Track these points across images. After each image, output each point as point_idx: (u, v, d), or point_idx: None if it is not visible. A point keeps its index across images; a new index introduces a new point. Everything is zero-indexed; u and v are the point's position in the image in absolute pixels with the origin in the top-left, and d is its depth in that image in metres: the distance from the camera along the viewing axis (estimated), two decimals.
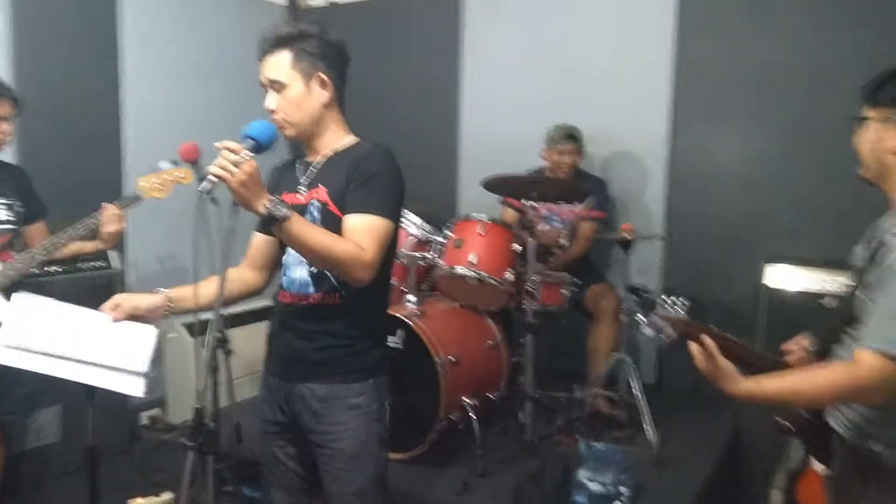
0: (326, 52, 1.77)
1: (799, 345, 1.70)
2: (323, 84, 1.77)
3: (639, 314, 1.38)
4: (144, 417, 3.87)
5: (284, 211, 1.56)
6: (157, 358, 1.85)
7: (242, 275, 1.93)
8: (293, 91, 1.74)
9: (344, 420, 1.76)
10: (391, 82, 4.37)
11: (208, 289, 1.80)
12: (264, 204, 1.54)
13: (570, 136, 3.50)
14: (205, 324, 3.92)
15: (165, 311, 1.88)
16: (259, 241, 1.92)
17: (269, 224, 1.58)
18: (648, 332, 1.37)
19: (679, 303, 1.34)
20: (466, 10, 4.28)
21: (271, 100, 1.76)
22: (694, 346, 1.46)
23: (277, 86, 1.74)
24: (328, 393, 1.77)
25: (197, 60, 4.11)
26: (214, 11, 4.21)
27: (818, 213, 3.31)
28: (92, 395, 1.74)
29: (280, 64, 1.74)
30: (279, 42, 1.75)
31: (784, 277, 3.18)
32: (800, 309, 3.05)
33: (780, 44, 3.48)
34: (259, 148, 1.58)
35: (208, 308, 1.77)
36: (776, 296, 3.18)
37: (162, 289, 1.88)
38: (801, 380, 1.46)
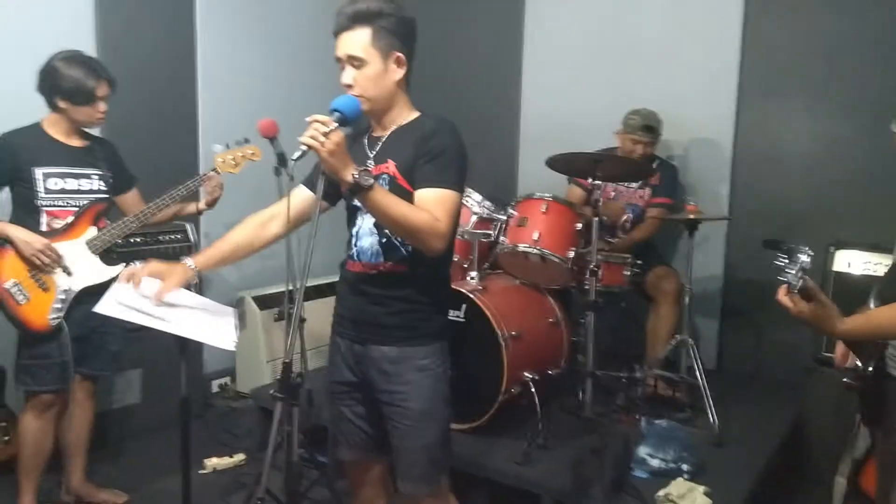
0: (403, 31, 1.83)
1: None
2: (399, 62, 1.83)
3: (787, 265, 1.44)
4: (215, 386, 4.06)
5: (370, 180, 1.64)
6: (241, 314, 1.96)
7: (266, 228, 2.00)
8: (372, 68, 1.79)
9: (413, 380, 1.85)
10: (453, 60, 4.41)
11: (237, 240, 1.98)
12: (352, 173, 1.62)
13: (649, 128, 3.45)
14: (272, 297, 4.07)
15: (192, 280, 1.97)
16: (304, 197, 1.97)
17: (355, 192, 1.65)
18: (794, 280, 1.43)
19: (808, 253, 1.42)
20: None
21: (348, 75, 1.80)
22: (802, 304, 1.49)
23: (356, 62, 1.78)
24: (399, 354, 1.86)
25: (266, 42, 4.24)
26: None
27: (887, 196, 3.24)
28: (184, 351, 1.84)
29: (360, 40, 1.78)
30: (359, 18, 1.78)
31: (851, 261, 3.13)
32: (865, 293, 3.00)
33: (849, 20, 3.39)
34: (345, 121, 1.66)
35: (240, 257, 1.98)
36: (842, 279, 3.14)
37: (188, 259, 1.96)
38: (882, 315, 1.60)
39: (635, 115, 3.47)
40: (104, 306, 1.66)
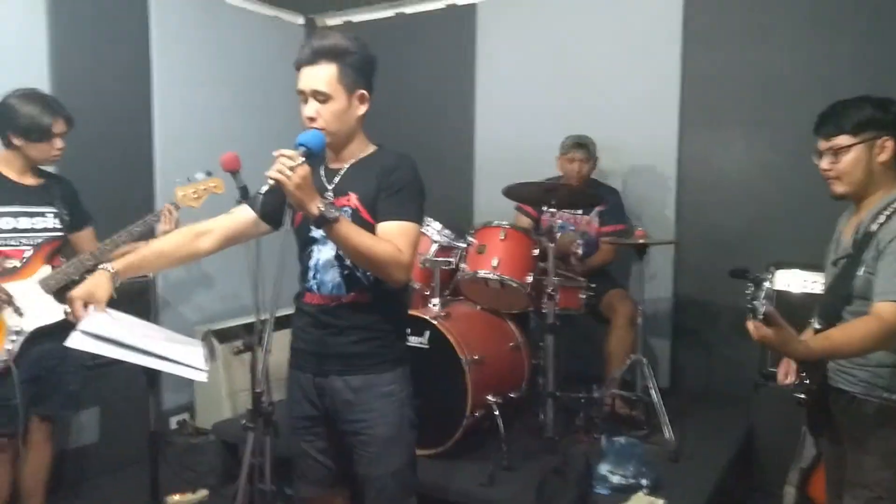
0: (366, 69, 1.88)
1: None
2: (362, 99, 1.88)
3: (753, 293, 1.54)
4: (174, 422, 4.00)
5: (336, 213, 1.69)
6: (209, 346, 1.97)
7: (199, 240, 1.96)
8: (336, 104, 1.83)
9: (377, 407, 1.89)
10: (407, 95, 4.50)
11: (164, 249, 1.98)
12: (317, 206, 1.66)
13: (580, 145, 3.66)
14: (230, 330, 4.04)
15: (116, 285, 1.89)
16: (248, 218, 1.96)
17: (321, 225, 1.70)
18: (759, 307, 1.54)
19: (769, 279, 1.54)
20: (479, 26, 4.44)
21: (311, 108, 1.82)
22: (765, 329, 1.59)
23: (321, 97, 1.81)
24: (362, 383, 1.89)
25: (222, 76, 4.29)
26: (238, 29, 4.40)
27: (821, 219, 3.40)
28: (153, 384, 1.85)
29: (325, 76, 1.81)
30: (325, 54, 1.81)
31: (790, 280, 3.29)
32: (806, 310, 3.16)
33: (782, 55, 3.62)
34: (311, 155, 1.70)
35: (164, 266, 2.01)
36: (783, 298, 3.28)
37: (108, 266, 1.88)
38: (841, 335, 1.72)
39: (568, 138, 3.69)
40: (74, 340, 1.66)
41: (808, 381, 1.91)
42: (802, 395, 1.94)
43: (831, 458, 2.01)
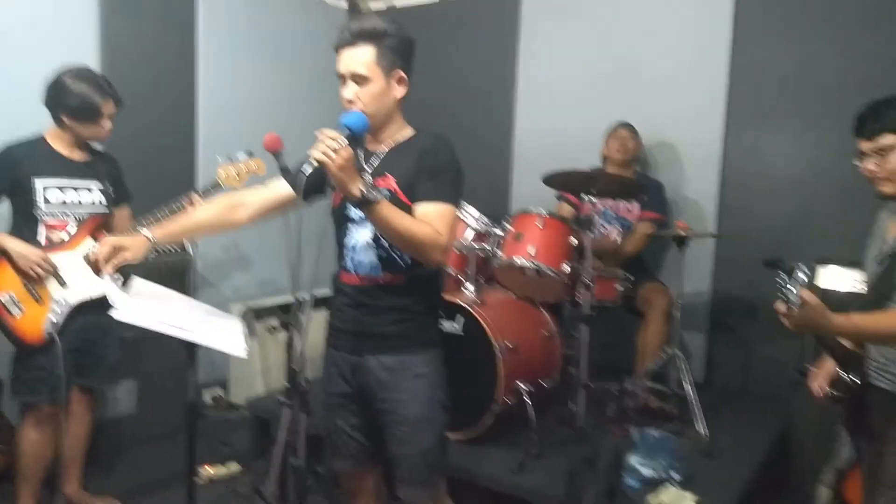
0: (404, 51, 1.89)
1: None
2: (400, 81, 1.89)
3: (787, 284, 1.53)
4: (208, 396, 4.08)
5: (377, 194, 1.70)
6: (248, 323, 2.00)
7: (235, 211, 2.04)
8: (375, 86, 1.84)
9: (410, 388, 1.90)
10: (448, 81, 4.50)
11: (203, 217, 2.04)
12: (359, 187, 1.67)
13: (626, 124, 3.69)
14: (266, 309, 4.11)
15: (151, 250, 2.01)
16: (284, 191, 2.01)
17: (361, 206, 1.71)
18: (792, 297, 1.52)
19: (805, 270, 1.51)
20: (523, 12, 4.39)
21: (350, 90, 1.84)
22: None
23: (359, 79, 1.83)
24: (396, 363, 1.90)
25: (265, 57, 4.32)
26: (282, 12, 4.42)
27: (866, 216, 3.33)
28: (192, 357, 1.88)
29: (364, 58, 1.82)
30: (363, 36, 1.83)
31: (835, 278, 3.22)
32: (847, 307, 3.09)
33: (831, 48, 3.52)
34: (354, 137, 1.71)
35: (202, 234, 2.05)
36: (827, 296, 3.21)
37: (146, 230, 1.99)
38: (881, 319, 1.70)
39: (612, 124, 3.71)
40: (119, 313, 1.70)
41: (848, 378, 1.89)
42: (839, 393, 1.93)
43: (868, 459, 1.97)
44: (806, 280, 1.52)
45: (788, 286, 1.52)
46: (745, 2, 3.73)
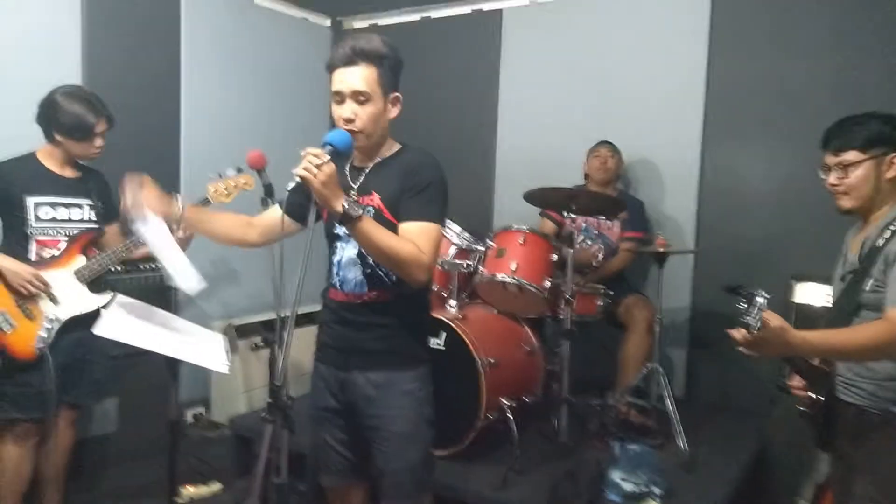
0: (398, 72, 1.91)
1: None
2: (395, 102, 1.91)
3: (746, 310, 1.51)
4: (189, 416, 4.05)
5: (359, 211, 1.72)
6: (230, 339, 2.02)
7: (248, 228, 2.09)
8: (375, 106, 1.85)
9: (397, 404, 1.91)
10: (431, 99, 4.52)
11: (224, 222, 2.06)
12: (342, 203, 1.69)
13: (606, 142, 3.77)
14: (249, 327, 4.09)
15: (174, 223, 2.05)
16: (280, 218, 1.98)
17: (344, 222, 1.73)
18: (752, 324, 1.51)
19: (764, 295, 1.51)
20: (505, 32, 4.46)
21: (349, 109, 1.84)
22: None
23: (362, 97, 1.83)
24: (384, 380, 1.91)
25: (249, 74, 4.36)
26: (266, 29, 4.46)
27: (843, 232, 3.39)
28: (175, 374, 1.89)
29: (366, 77, 1.82)
30: (366, 56, 1.82)
31: (811, 294, 3.27)
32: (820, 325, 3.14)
33: (806, 65, 3.60)
34: (337, 154, 1.72)
35: (217, 236, 2.05)
36: (804, 311, 3.27)
37: (180, 198, 2.02)
38: (845, 335, 1.71)
39: (593, 143, 3.79)
40: (102, 328, 1.70)
41: (813, 395, 1.93)
42: (805, 408, 1.97)
43: (838, 473, 2.00)
44: (766, 304, 1.51)
45: (749, 315, 1.51)
46: (721, 21, 3.81)
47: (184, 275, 2.00)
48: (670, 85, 3.93)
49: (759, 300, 1.50)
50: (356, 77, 1.83)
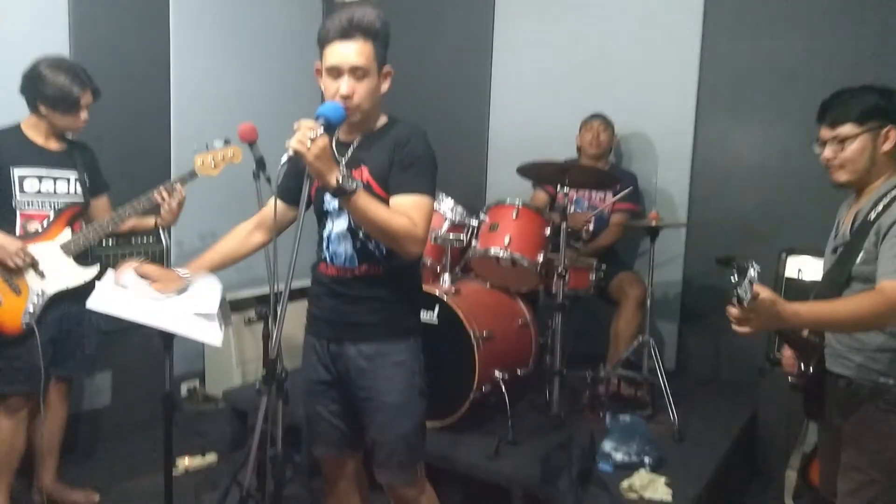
0: (388, 45, 1.88)
1: None
2: (387, 76, 1.89)
3: (738, 282, 1.50)
4: (184, 389, 4.07)
5: (354, 184, 1.71)
6: (224, 311, 2.02)
7: (252, 236, 2.12)
8: (372, 81, 1.83)
9: (389, 375, 1.93)
10: (423, 73, 4.51)
11: (231, 247, 2.09)
12: (336, 176, 1.68)
13: (598, 115, 3.75)
14: (243, 301, 4.09)
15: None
16: (279, 208, 2.00)
17: (338, 195, 1.72)
18: (743, 295, 1.51)
19: (755, 267, 1.51)
20: (497, 5, 4.41)
21: (346, 85, 1.80)
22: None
23: (360, 72, 1.80)
24: (375, 351, 1.93)
25: (240, 47, 4.31)
26: (257, 2, 4.39)
27: (835, 207, 3.40)
28: (168, 346, 1.89)
29: (364, 52, 1.79)
30: (363, 30, 1.79)
31: (802, 268, 3.29)
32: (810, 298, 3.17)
33: (801, 41, 3.59)
34: (330, 127, 1.71)
35: (236, 261, 2.10)
36: (794, 285, 3.29)
37: (180, 270, 2.06)
38: (837, 306, 1.70)
39: (586, 117, 3.78)
40: (94, 302, 1.70)
41: (803, 366, 1.93)
42: (794, 380, 1.98)
43: (826, 443, 2.03)
44: (756, 276, 1.50)
45: (741, 284, 1.51)
46: None
47: (204, 333, 1.96)
48: (664, 59, 3.91)
49: (751, 272, 1.49)
50: (354, 52, 1.80)
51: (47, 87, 2.51)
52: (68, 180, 2.66)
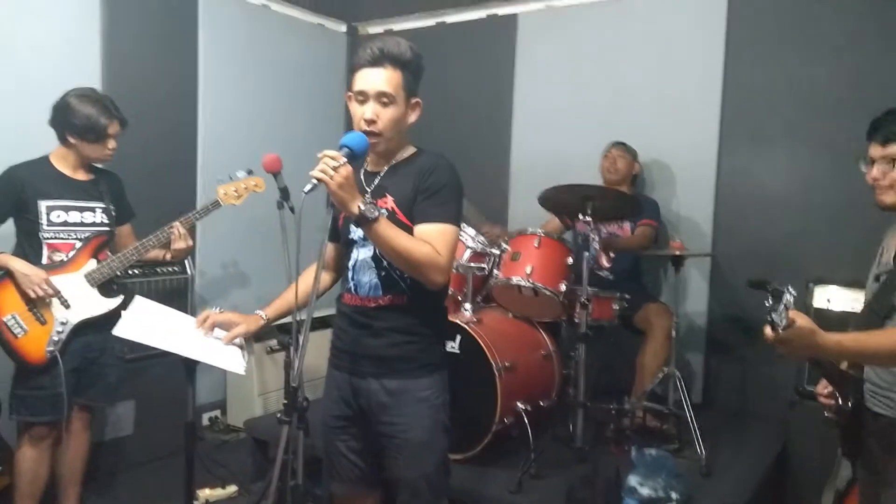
0: (419, 78, 1.91)
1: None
2: (416, 107, 1.91)
3: (772, 306, 1.46)
4: (205, 419, 4.07)
5: (376, 212, 1.72)
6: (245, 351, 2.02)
7: (322, 277, 2.05)
8: (397, 109, 1.85)
9: (413, 412, 1.89)
10: (446, 103, 4.51)
11: (290, 297, 1.99)
12: (358, 205, 1.69)
13: (619, 143, 3.74)
14: (264, 330, 4.10)
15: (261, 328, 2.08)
16: (332, 249, 2.04)
17: (361, 224, 1.73)
18: (778, 321, 1.46)
19: (791, 292, 1.47)
20: (519, 35, 4.45)
21: (370, 110, 1.83)
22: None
23: (386, 98, 1.83)
24: (398, 387, 1.89)
25: (266, 79, 4.38)
26: (282, 34, 4.49)
27: (863, 235, 3.34)
28: (191, 376, 1.89)
29: (392, 80, 1.83)
30: (393, 59, 1.82)
31: (830, 298, 3.23)
32: (844, 328, 3.10)
33: (824, 66, 3.56)
34: (353, 156, 1.72)
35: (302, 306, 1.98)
36: (822, 316, 3.22)
37: (260, 311, 2.07)
38: (881, 338, 1.65)
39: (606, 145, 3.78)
40: (120, 330, 1.71)
41: (840, 402, 1.85)
42: (831, 416, 1.90)
43: (865, 484, 1.93)
44: (793, 301, 1.46)
45: (776, 309, 1.46)
46: (738, 23, 3.78)
47: (229, 362, 1.95)
48: (686, 86, 3.90)
49: (787, 297, 1.45)
50: (382, 78, 1.83)
51: (76, 118, 2.57)
52: (94, 210, 2.71)
